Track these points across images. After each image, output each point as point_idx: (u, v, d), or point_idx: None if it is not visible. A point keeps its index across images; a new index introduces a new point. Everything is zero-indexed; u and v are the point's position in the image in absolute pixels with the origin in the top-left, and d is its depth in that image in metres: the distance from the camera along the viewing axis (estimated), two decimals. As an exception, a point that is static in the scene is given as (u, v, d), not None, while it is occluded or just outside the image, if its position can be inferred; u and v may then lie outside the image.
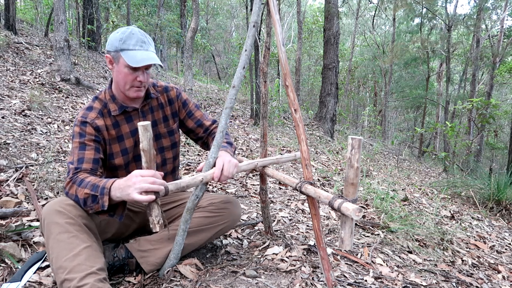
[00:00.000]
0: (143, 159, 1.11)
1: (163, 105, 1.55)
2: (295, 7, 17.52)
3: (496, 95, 18.80)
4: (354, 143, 1.05)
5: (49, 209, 1.19)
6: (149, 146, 1.10)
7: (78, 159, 1.28)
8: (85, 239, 1.16)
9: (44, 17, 10.05)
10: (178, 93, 1.60)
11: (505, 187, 3.63)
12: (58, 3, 4.94)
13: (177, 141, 1.60)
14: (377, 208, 2.55)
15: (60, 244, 1.12)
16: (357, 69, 19.70)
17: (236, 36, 22.93)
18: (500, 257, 2.21)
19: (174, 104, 1.58)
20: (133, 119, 1.46)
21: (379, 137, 13.44)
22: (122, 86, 1.36)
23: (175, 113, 1.59)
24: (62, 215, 1.17)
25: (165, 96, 1.57)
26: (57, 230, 1.15)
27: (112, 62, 1.35)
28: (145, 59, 1.29)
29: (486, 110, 6.26)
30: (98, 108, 1.40)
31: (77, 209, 1.22)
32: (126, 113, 1.45)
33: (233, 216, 1.52)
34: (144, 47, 1.32)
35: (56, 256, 1.11)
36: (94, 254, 1.14)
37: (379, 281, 1.49)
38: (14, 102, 3.65)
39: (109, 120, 1.41)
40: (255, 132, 5.98)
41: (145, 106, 1.50)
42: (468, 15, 12.55)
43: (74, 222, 1.18)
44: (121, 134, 1.43)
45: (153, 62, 1.30)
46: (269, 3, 1.29)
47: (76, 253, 1.11)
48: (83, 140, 1.32)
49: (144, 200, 1.07)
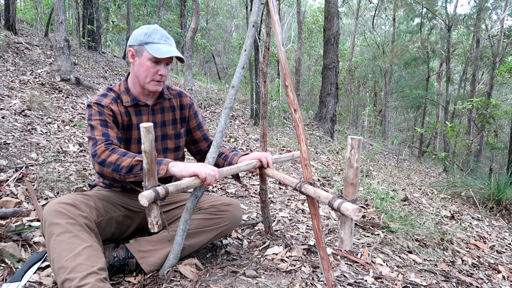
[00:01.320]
0: (144, 161, 1.12)
1: (174, 108, 1.58)
2: (295, 7, 17.53)
3: (496, 95, 18.80)
4: (354, 143, 1.05)
5: (50, 210, 1.20)
6: (151, 147, 1.11)
7: (103, 133, 1.34)
8: (86, 239, 1.17)
9: (44, 17, 10.05)
10: (191, 102, 1.64)
11: (505, 187, 3.63)
12: (58, 3, 4.94)
13: (181, 145, 1.62)
14: (377, 208, 2.55)
15: (61, 244, 1.13)
16: (357, 69, 19.70)
17: (236, 36, 22.93)
18: (500, 257, 2.21)
19: (185, 110, 1.61)
20: (142, 114, 1.50)
21: (379, 137, 13.45)
22: (142, 79, 1.41)
23: (184, 118, 1.61)
24: (62, 215, 1.18)
25: (178, 100, 1.60)
26: (58, 231, 1.15)
27: (134, 56, 1.41)
28: (169, 51, 1.36)
29: (486, 110, 6.26)
30: (112, 95, 1.46)
31: (78, 209, 1.23)
32: (137, 106, 1.49)
33: (234, 218, 1.53)
34: (168, 42, 1.41)
35: (57, 256, 1.11)
36: (95, 254, 1.15)
37: (379, 281, 1.49)
38: (14, 102, 3.65)
39: (123, 108, 1.47)
40: (255, 132, 5.98)
41: (157, 105, 1.53)
42: (468, 15, 12.55)
43: (75, 222, 1.19)
44: (131, 123, 1.49)
45: (177, 54, 1.38)
46: (269, 3, 1.30)
47: (77, 253, 1.11)
48: (103, 117, 1.37)
49: (195, 181, 1.20)
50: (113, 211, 1.43)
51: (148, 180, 1.15)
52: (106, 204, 1.41)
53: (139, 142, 1.53)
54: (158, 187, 1.13)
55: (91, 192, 1.46)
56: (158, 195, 1.11)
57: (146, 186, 1.15)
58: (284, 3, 19.54)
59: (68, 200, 1.24)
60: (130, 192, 1.55)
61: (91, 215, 1.27)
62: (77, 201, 1.27)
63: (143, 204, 1.08)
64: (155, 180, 1.16)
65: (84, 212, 1.25)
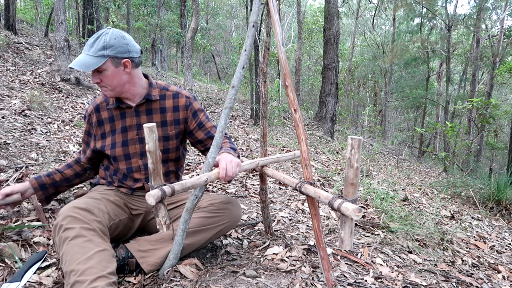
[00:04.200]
0: (149, 160, 1.14)
1: (165, 110, 1.55)
2: (295, 7, 17.52)
3: (496, 95, 18.80)
4: (354, 143, 1.05)
5: (64, 215, 1.22)
6: (155, 147, 1.13)
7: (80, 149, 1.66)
8: (98, 243, 1.18)
9: (44, 17, 10.05)
10: (188, 103, 1.58)
11: (505, 187, 3.63)
12: (58, 3, 4.94)
13: (170, 148, 1.58)
14: (377, 208, 2.55)
15: (74, 248, 1.14)
16: (357, 69, 19.70)
17: (236, 36, 22.92)
18: (500, 257, 2.21)
19: (179, 112, 1.57)
20: (126, 116, 1.53)
21: (379, 137, 13.45)
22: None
23: (178, 120, 1.57)
24: (77, 221, 1.20)
25: (172, 101, 1.56)
26: (72, 235, 1.17)
27: None
28: (74, 63, 1.35)
29: (486, 110, 6.26)
30: (100, 99, 1.57)
31: (92, 214, 1.26)
32: (120, 109, 1.53)
33: (233, 216, 1.52)
34: (83, 50, 1.40)
35: (70, 260, 1.12)
36: (107, 258, 1.16)
37: (379, 281, 1.49)
38: (14, 102, 3.65)
39: (106, 114, 1.55)
40: (255, 132, 5.98)
41: (142, 106, 1.52)
42: (468, 15, 12.55)
43: (89, 227, 1.21)
44: (114, 128, 1.53)
45: (72, 66, 1.34)
46: (269, 3, 1.29)
47: (88, 256, 1.12)
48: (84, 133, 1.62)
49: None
50: (121, 214, 1.46)
51: (154, 179, 1.16)
52: (114, 207, 1.44)
53: (140, 143, 1.54)
54: (164, 186, 1.14)
55: (99, 194, 1.47)
56: (164, 194, 1.12)
57: (152, 186, 1.16)
58: (284, 3, 19.54)
59: (82, 205, 1.26)
60: (135, 191, 1.58)
61: (104, 220, 1.29)
62: (91, 206, 1.29)
63: (150, 203, 1.09)
64: (160, 180, 1.17)
65: (98, 217, 1.27)
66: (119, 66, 1.41)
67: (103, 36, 1.38)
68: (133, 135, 1.53)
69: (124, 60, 1.42)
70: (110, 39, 1.37)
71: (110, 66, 1.39)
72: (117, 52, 1.38)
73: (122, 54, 1.40)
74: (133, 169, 1.54)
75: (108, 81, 1.41)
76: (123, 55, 1.41)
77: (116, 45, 1.38)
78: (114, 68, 1.40)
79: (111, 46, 1.37)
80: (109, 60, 1.38)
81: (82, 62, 1.35)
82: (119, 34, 1.41)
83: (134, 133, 1.53)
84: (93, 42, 1.37)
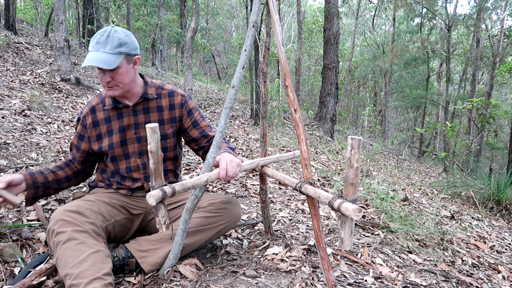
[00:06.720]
0: (150, 161, 1.14)
1: (162, 108, 1.55)
2: (295, 7, 17.52)
3: (496, 95, 18.80)
4: (354, 143, 1.05)
5: (56, 220, 1.21)
6: (157, 147, 1.13)
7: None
8: (92, 245, 1.17)
9: (44, 17, 10.05)
10: (183, 101, 1.57)
11: (505, 187, 3.63)
12: (58, 3, 4.94)
13: (168, 146, 1.58)
14: (377, 208, 2.55)
15: (67, 251, 1.14)
16: (357, 69, 19.70)
17: (236, 36, 22.92)
18: (500, 257, 2.21)
19: (175, 110, 1.56)
20: (123, 116, 1.51)
21: (379, 137, 13.45)
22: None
23: (174, 119, 1.57)
24: (68, 224, 1.20)
25: (167, 100, 1.56)
26: (64, 239, 1.16)
27: None
28: (89, 60, 1.30)
29: (486, 110, 6.26)
30: (97, 100, 1.54)
31: (83, 216, 1.25)
32: (118, 109, 1.51)
33: (233, 216, 1.52)
34: (96, 48, 1.33)
35: (63, 264, 1.12)
36: (101, 259, 1.15)
37: (379, 281, 1.49)
38: (14, 102, 3.65)
39: (102, 115, 1.52)
40: (255, 132, 5.98)
41: (139, 105, 1.52)
42: (468, 15, 12.55)
43: (81, 229, 1.20)
44: (111, 129, 1.51)
45: (92, 64, 1.29)
46: (269, 3, 1.29)
47: (82, 259, 1.12)
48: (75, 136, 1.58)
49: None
50: (117, 215, 1.45)
51: (155, 180, 1.16)
52: (110, 208, 1.43)
53: (138, 142, 1.53)
54: (165, 187, 1.14)
55: (94, 197, 1.46)
56: (165, 194, 1.12)
57: (153, 186, 1.16)
58: (284, 3, 19.54)
59: (73, 208, 1.25)
60: (133, 192, 1.57)
61: (97, 221, 1.28)
62: (82, 208, 1.28)
63: (150, 203, 1.09)
64: (161, 180, 1.17)
65: (90, 218, 1.26)
66: (131, 63, 1.41)
67: (115, 34, 1.35)
68: (131, 134, 1.52)
69: (136, 57, 1.42)
70: (124, 36, 1.37)
71: (124, 63, 1.37)
72: (130, 49, 1.38)
73: (134, 51, 1.40)
74: (132, 169, 1.54)
75: (122, 79, 1.38)
76: (135, 52, 1.41)
77: (129, 42, 1.38)
78: (127, 65, 1.39)
79: (125, 43, 1.36)
80: (124, 57, 1.37)
81: (102, 59, 1.31)
82: (127, 31, 1.41)
83: (132, 132, 1.52)
84: (105, 39, 1.33)
